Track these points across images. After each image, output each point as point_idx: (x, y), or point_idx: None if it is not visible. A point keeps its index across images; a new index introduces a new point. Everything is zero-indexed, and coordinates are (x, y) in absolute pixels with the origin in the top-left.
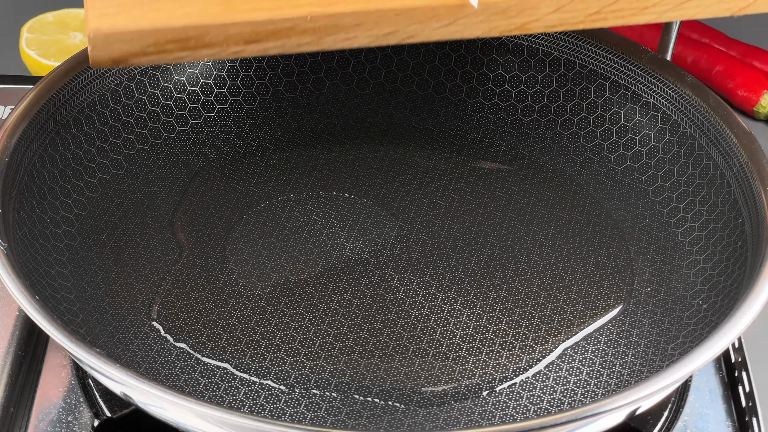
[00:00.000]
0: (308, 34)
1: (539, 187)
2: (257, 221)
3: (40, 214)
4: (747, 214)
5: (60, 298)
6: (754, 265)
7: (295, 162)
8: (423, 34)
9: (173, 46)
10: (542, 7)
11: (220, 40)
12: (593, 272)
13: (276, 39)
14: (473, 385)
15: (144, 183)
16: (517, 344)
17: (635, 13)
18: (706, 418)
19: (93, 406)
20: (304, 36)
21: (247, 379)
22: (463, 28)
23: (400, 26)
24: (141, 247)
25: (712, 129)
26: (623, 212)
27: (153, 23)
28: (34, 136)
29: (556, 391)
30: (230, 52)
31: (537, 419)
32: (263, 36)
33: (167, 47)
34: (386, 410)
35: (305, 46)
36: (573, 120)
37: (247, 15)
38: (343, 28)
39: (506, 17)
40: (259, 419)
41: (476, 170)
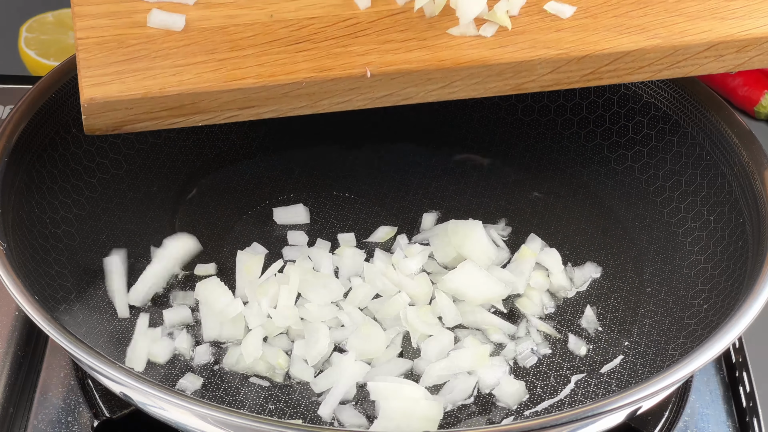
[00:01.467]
0: (303, 98)
1: (539, 187)
2: (257, 221)
3: (40, 214)
4: (747, 214)
5: (60, 298)
6: (754, 265)
7: (295, 162)
8: (419, 96)
9: (167, 113)
10: (538, 69)
11: (213, 106)
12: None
13: (271, 104)
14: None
15: (144, 183)
16: None
17: (630, 73)
18: (706, 418)
19: (92, 407)
20: (299, 100)
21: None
22: (459, 90)
23: (395, 90)
24: (141, 247)
25: (712, 129)
26: (624, 212)
27: (147, 92)
28: (34, 136)
29: (557, 390)
30: (224, 117)
31: (537, 419)
32: (257, 102)
33: (161, 114)
34: None
35: (300, 110)
36: (573, 120)
37: (241, 82)
38: (337, 93)
39: (502, 79)
40: (259, 419)
41: (476, 170)
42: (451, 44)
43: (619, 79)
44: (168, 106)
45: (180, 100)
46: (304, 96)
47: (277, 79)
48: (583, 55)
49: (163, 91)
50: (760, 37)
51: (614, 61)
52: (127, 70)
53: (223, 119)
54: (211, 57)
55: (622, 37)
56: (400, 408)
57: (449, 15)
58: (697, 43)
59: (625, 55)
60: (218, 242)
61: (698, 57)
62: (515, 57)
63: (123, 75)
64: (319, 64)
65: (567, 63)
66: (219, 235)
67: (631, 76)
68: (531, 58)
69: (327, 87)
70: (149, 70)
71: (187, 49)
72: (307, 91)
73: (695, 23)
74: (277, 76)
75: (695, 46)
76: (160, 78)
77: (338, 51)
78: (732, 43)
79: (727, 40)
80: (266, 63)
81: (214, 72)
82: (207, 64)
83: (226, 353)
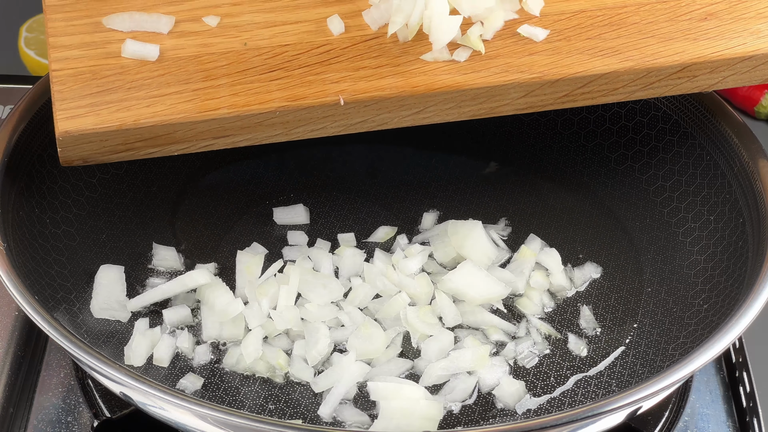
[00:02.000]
0: (277, 127)
1: (540, 187)
2: (257, 221)
3: (40, 214)
4: (747, 214)
5: (60, 299)
6: (754, 265)
7: (295, 162)
8: (393, 122)
9: (142, 144)
10: (512, 93)
11: (188, 136)
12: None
13: (245, 133)
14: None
15: (144, 183)
16: None
17: (604, 95)
18: (706, 418)
19: (92, 407)
20: (274, 129)
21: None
22: (433, 115)
23: (369, 116)
24: (141, 247)
25: (712, 129)
26: (624, 212)
27: (121, 124)
28: (34, 136)
29: (556, 390)
30: (200, 146)
31: (537, 419)
32: (232, 131)
33: (136, 145)
34: None
35: (275, 138)
36: (573, 120)
37: (215, 113)
38: (312, 121)
39: (476, 103)
40: (259, 419)
41: (476, 170)
42: (424, 70)
43: (593, 101)
44: (143, 137)
45: (154, 132)
46: (279, 124)
47: (251, 108)
48: (557, 79)
49: (138, 123)
50: (732, 58)
51: (588, 84)
52: (101, 102)
53: (198, 148)
54: (185, 87)
55: (595, 59)
56: (400, 408)
57: (422, 40)
58: (670, 64)
59: (599, 77)
60: (218, 242)
61: (671, 78)
62: (488, 81)
63: (97, 107)
64: (292, 93)
65: (540, 87)
66: (219, 235)
67: (605, 98)
68: (504, 83)
69: (301, 115)
70: (123, 102)
71: (161, 79)
72: (281, 119)
73: (667, 45)
74: (251, 106)
75: (668, 67)
76: (134, 110)
77: (311, 78)
78: (705, 64)
79: (699, 62)
80: (240, 92)
81: (188, 102)
82: (181, 94)
83: (226, 353)
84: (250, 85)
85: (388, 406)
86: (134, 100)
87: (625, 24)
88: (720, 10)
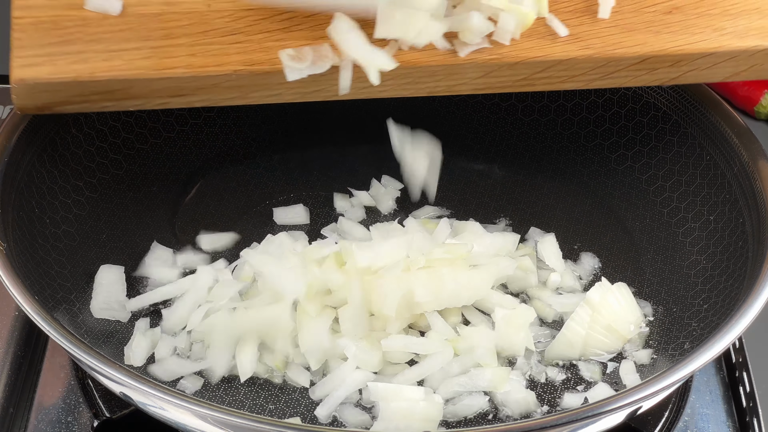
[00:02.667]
0: (234, 90)
1: (540, 187)
2: (257, 221)
3: (40, 214)
4: (747, 214)
5: (60, 299)
6: (754, 265)
7: (295, 162)
8: (349, 93)
9: (98, 97)
10: (469, 72)
11: (144, 93)
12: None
13: (201, 94)
14: None
15: (144, 183)
16: None
17: (563, 81)
18: (706, 418)
19: (92, 407)
20: (230, 92)
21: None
22: (390, 89)
23: (324, 86)
24: (141, 247)
25: (712, 129)
26: (624, 212)
27: (77, 75)
28: (34, 136)
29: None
30: (155, 104)
31: (537, 419)
32: (188, 91)
33: (92, 98)
34: None
35: (232, 101)
36: (573, 120)
37: (171, 72)
38: (268, 86)
39: (433, 80)
40: (259, 419)
41: (476, 170)
42: (383, 45)
43: (552, 86)
44: (98, 91)
45: (110, 86)
46: (235, 88)
47: (208, 70)
48: (515, 62)
49: (93, 76)
50: (693, 53)
51: (546, 69)
52: (60, 53)
53: (154, 105)
54: (144, 44)
55: (555, 45)
56: (399, 409)
57: None
58: (630, 55)
59: (558, 63)
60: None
61: (631, 69)
62: (446, 60)
63: (55, 57)
64: (250, 58)
65: (499, 68)
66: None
67: (564, 84)
68: (462, 62)
69: (257, 80)
70: (81, 54)
71: (121, 34)
72: (237, 83)
73: (629, 35)
74: (208, 67)
75: (628, 58)
76: (91, 62)
77: (270, 45)
78: (665, 57)
79: (659, 55)
80: (198, 53)
81: (146, 60)
82: (140, 51)
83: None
84: (209, 47)
85: (387, 407)
86: (92, 53)
87: (589, 12)
88: (686, 4)
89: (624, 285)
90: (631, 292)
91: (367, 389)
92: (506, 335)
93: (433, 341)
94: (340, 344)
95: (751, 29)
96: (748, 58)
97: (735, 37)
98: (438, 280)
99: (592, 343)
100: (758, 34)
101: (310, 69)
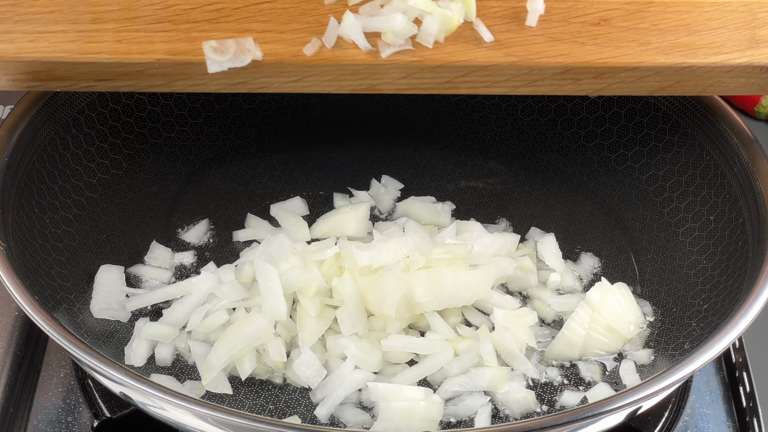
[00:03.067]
0: (158, 78)
1: (540, 187)
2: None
3: (40, 214)
4: (747, 214)
5: (60, 299)
6: (754, 265)
7: (295, 162)
8: (273, 86)
9: (24, 77)
10: (391, 73)
11: (69, 75)
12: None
13: (126, 80)
14: None
15: (144, 183)
16: None
17: (487, 86)
18: (706, 418)
19: (92, 407)
20: (155, 79)
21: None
22: (312, 85)
23: (248, 78)
24: (141, 247)
25: (712, 129)
26: (624, 212)
27: (2, 55)
28: (34, 136)
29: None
30: (81, 86)
31: (537, 419)
32: (113, 76)
33: (18, 77)
34: None
35: (157, 88)
36: (573, 120)
37: (95, 56)
38: (192, 76)
39: (356, 78)
40: (259, 419)
41: (476, 170)
42: (308, 41)
43: (475, 90)
44: (23, 71)
45: (34, 67)
46: (159, 75)
47: (131, 57)
48: (437, 65)
49: (17, 56)
50: (616, 66)
51: (469, 74)
52: None
53: (80, 88)
54: (71, 27)
55: (479, 51)
56: (399, 409)
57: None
58: (552, 65)
59: (480, 68)
60: (218, 242)
61: (555, 78)
62: (367, 59)
63: None
64: (174, 47)
65: (420, 70)
66: (219, 235)
67: (488, 89)
68: (384, 62)
69: (181, 69)
70: (9, 34)
71: (50, 16)
72: (161, 71)
73: (554, 45)
74: (132, 54)
75: (550, 68)
76: (17, 42)
77: (196, 35)
78: (588, 69)
79: (582, 66)
80: (124, 39)
81: (71, 43)
82: (66, 33)
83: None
84: (135, 34)
85: (387, 407)
86: (20, 33)
87: (517, 19)
88: (615, 17)
89: (624, 285)
90: (630, 292)
91: (367, 389)
92: (506, 335)
93: (433, 341)
94: (341, 344)
95: (678, 45)
96: (672, 74)
97: (659, 53)
98: (438, 280)
99: (592, 343)
100: (683, 51)
101: (231, 62)
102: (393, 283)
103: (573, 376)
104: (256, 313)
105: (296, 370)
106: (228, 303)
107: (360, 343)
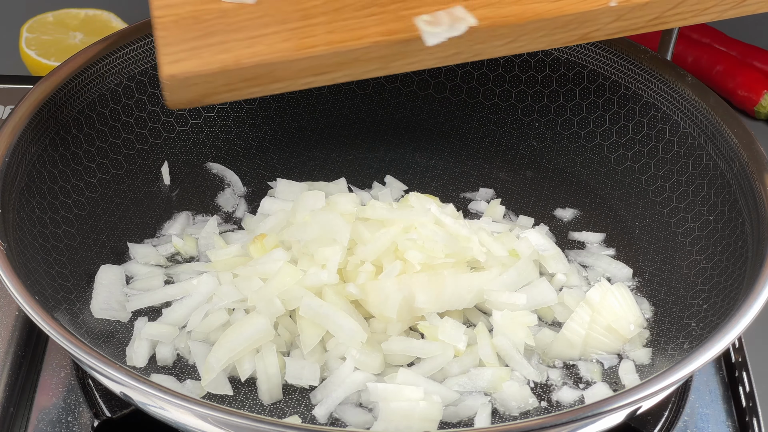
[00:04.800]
0: (375, 62)
1: (539, 187)
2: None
3: (40, 214)
4: (747, 214)
5: (60, 299)
6: (754, 265)
7: (295, 162)
8: (486, 52)
9: (245, 84)
10: (602, 18)
11: (289, 75)
12: None
13: (344, 69)
14: None
15: (144, 183)
16: None
17: (696, 14)
18: (706, 418)
19: (93, 407)
20: (371, 64)
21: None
22: (526, 44)
23: (463, 48)
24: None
25: (712, 129)
26: (624, 212)
27: (223, 65)
28: (34, 136)
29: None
30: (300, 84)
31: (537, 419)
32: (330, 68)
33: (239, 86)
34: None
35: (373, 72)
36: (573, 120)
37: (312, 50)
38: (408, 54)
39: (567, 30)
40: (258, 419)
41: (476, 170)
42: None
43: (684, 21)
44: (244, 78)
45: (255, 71)
46: (376, 59)
47: (347, 44)
48: (647, 1)
49: (239, 64)
50: None
51: (678, 5)
52: (203, 45)
53: (300, 86)
54: (283, 27)
55: None
56: (399, 409)
57: None
58: None
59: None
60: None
61: None
62: (578, 8)
63: (199, 50)
64: (387, 28)
65: (631, 10)
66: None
67: (696, 17)
68: (594, 8)
69: (397, 49)
70: (224, 44)
71: (259, 21)
72: (377, 54)
73: None
74: (347, 42)
75: None
76: (234, 51)
77: (405, 14)
78: None
79: None
80: (336, 30)
81: (287, 42)
82: (279, 34)
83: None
84: (346, 22)
85: (387, 407)
86: (234, 41)
87: None
88: None
89: (624, 285)
90: (630, 292)
91: (367, 390)
92: (505, 336)
93: (434, 344)
94: (341, 346)
95: None
96: None
97: None
98: (439, 283)
99: (592, 343)
100: None
101: (447, 32)
102: (394, 286)
103: (573, 376)
104: (256, 314)
105: (289, 380)
106: (228, 303)
107: (360, 347)
